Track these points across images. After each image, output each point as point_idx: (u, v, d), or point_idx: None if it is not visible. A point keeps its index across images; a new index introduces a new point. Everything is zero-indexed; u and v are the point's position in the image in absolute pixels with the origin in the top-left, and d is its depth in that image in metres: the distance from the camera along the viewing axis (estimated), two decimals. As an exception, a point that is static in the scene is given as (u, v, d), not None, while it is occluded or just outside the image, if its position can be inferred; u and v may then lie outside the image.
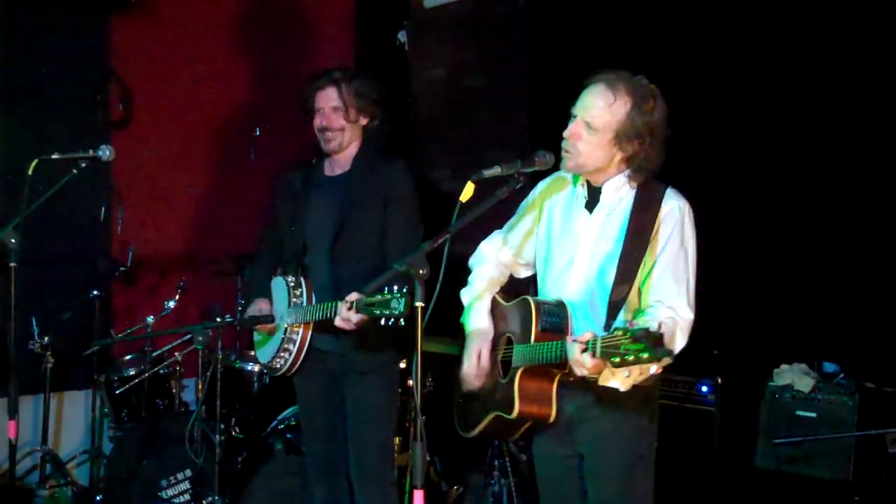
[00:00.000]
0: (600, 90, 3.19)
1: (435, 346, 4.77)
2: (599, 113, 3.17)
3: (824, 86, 4.54)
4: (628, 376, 2.92)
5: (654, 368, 2.86)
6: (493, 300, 3.57)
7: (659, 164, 3.24)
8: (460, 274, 3.60)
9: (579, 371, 2.93)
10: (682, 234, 3.18)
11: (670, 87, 3.35)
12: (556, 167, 3.35)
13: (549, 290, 3.38)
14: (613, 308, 3.11)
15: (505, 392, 3.29)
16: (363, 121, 4.24)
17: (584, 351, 2.84)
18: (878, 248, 4.41)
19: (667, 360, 2.75)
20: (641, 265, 3.13)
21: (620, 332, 2.70)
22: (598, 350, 2.79)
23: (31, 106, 5.54)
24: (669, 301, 3.10)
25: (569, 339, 3.00)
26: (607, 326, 3.07)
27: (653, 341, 2.62)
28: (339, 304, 3.80)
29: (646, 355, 2.63)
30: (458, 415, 3.69)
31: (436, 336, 4.49)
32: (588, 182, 3.34)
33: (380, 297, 3.31)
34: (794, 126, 4.63)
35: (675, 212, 3.19)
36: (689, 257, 3.18)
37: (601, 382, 3.04)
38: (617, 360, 2.70)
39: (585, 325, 3.20)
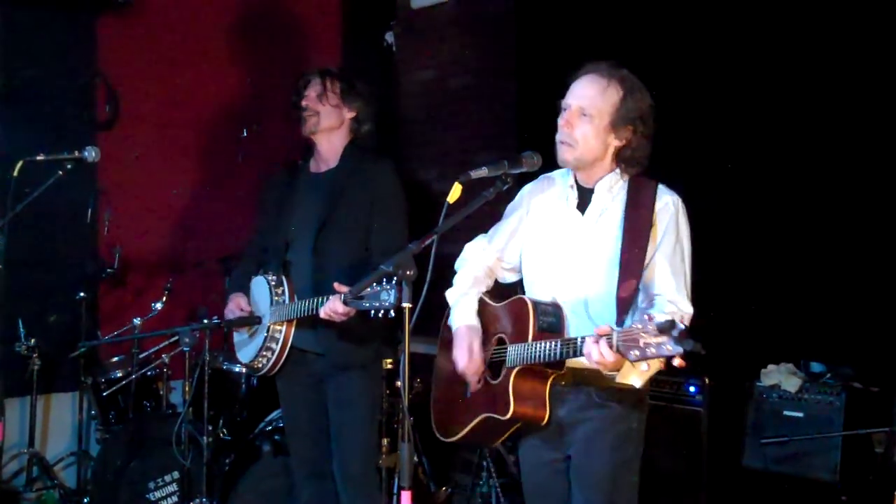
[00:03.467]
0: (592, 78, 3.23)
1: (422, 347, 4.76)
2: (594, 99, 3.20)
3: (811, 84, 4.54)
4: (647, 370, 2.91)
5: (676, 361, 2.75)
6: (481, 300, 3.54)
7: (648, 157, 3.27)
8: (448, 275, 3.60)
9: (596, 366, 2.91)
10: (677, 228, 3.21)
11: (660, 84, 3.36)
12: (543, 168, 3.35)
13: (541, 293, 3.37)
14: (623, 304, 3.10)
15: (497, 393, 3.27)
16: (347, 113, 4.28)
17: (607, 345, 2.82)
18: (866, 249, 4.42)
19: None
20: (645, 260, 3.14)
21: (640, 326, 2.69)
22: (616, 343, 2.78)
23: (16, 106, 5.51)
24: (670, 295, 3.13)
25: (585, 338, 2.94)
26: (619, 322, 3.05)
27: (678, 334, 2.61)
28: (326, 298, 3.83)
29: (669, 347, 2.62)
30: (437, 420, 3.66)
31: (424, 336, 4.48)
32: (577, 183, 3.35)
33: (369, 289, 3.30)
34: (780, 128, 4.64)
35: (669, 206, 3.22)
36: (684, 251, 3.22)
37: (620, 379, 3.05)
38: (636, 353, 2.70)
39: (583, 326, 3.20)
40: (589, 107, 3.20)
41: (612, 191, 3.29)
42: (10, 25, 5.53)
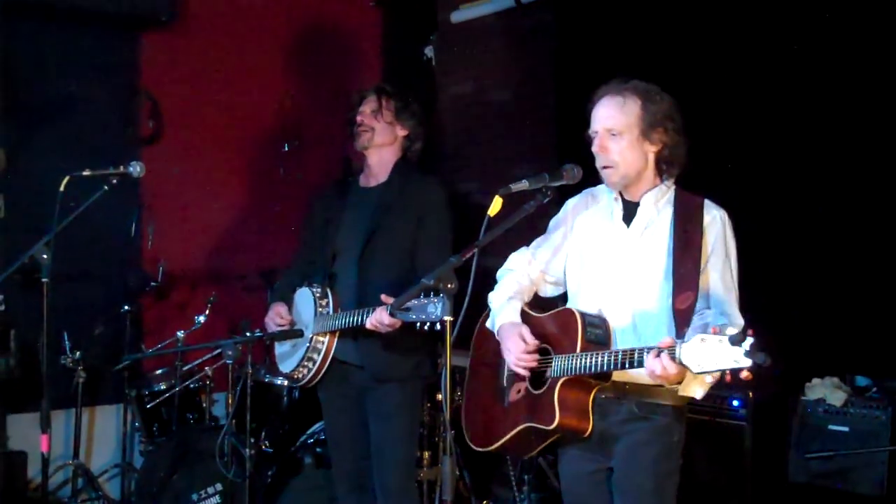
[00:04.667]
0: (608, 99, 3.28)
1: (463, 360, 4.76)
2: (616, 118, 3.23)
3: (865, 99, 4.49)
4: (711, 380, 2.88)
5: (744, 373, 2.74)
6: (524, 312, 3.53)
7: (686, 153, 3.29)
8: (488, 288, 3.59)
9: (658, 380, 2.92)
10: (724, 242, 3.22)
11: (698, 95, 3.35)
12: (583, 181, 3.35)
13: (585, 303, 3.36)
14: (682, 315, 3.08)
15: (540, 403, 3.26)
16: (400, 131, 4.33)
17: (669, 358, 2.82)
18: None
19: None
20: (700, 273, 3.13)
21: (705, 337, 2.70)
22: (681, 357, 2.78)
23: (62, 123, 5.58)
24: (722, 308, 3.12)
25: (649, 353, 2.92)
26: (679, 335, 3.00)
27: (751, 347, 2.60)
28: (371, 309, 3.85)
29: (739, 359, 2.62)
30: (470, 428, 3.65)
31: (465, 350, 4.49)
32: (622, 196, 3.35)
33: (416, 301, 3.31)
34: (826, 138, 4.60)
35: (717, 221, 3.23)
36: (733, 266, 3.23)
37: (682, 392, 3.06)
38: (702, 365, 2.69)
39: (628, 339, 3.21)
40: (615, 126, 3.23)
41: (657, 204, 3.29)
42: (54, 43, 5.61)
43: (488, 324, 3.59)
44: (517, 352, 3.34)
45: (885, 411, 4.23)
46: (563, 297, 3.57)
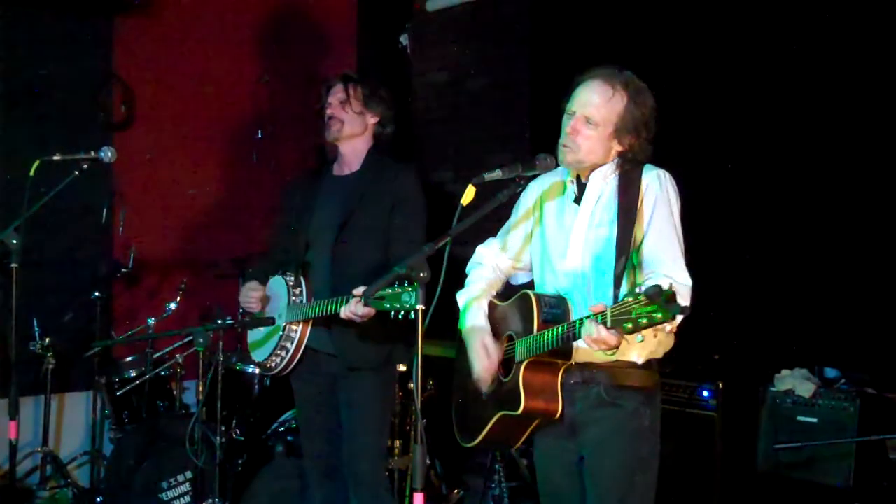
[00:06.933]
0: (598, 85, 3.24)
1: (435, 349, 4.76)
2: (599, 107, 3.21)
3: (830, 88, 4.52)
4: (642, 341, 2.88)
5: (668, 328, 2.81)
6: (490, 303, 3.55)
7: (649, 157, 3.28)
8: (461, 277, 3.60)
9: (596, 347, 2.90)
10: (667, 200, 3.21)
11: (673, 86, 3.35)
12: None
13: (545, 285, 3.38)
14: (618, 280, 3.10)
15: (509, 389, 3.27)
16: (370, 119, 4.29)
17: (599, 322, 2.81)
18: (880, 253, 4.40)
19: (678, 318, 2.70)
20: (633, 234, 3.14)
21: (631, 299, 2.69)
22: (609, 320, 2.77)
23: (32, 107, 5.54)
24: (665, 269, 3.10)
25: (583, 320, 2.93)
26: (614, 298, 3.03)
27: (665, 299, 2.60)
28: (345, 298, 3.83)
29: (659, 315, 2.61)
30: (458, 425, 3.67)
31: (436, 339, 4.49)
32: (578, 177, 3.36)
33: (390, 290, 3.30)
34: (795, 129, 4.63)
35: (654, 180, 3.22)
36: (676, 222, 3.22)
37: (619, 357, 3.07)
38: (629, 325, 2.69)
39: (585, 313, 3.21)
40: (594, 115, 3.22)
41: (606, 180, 3.30)
42: (26, 27, 5.55)
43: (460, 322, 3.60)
44: (480, 368, 3.38)
45: (854, 403, 4.28)
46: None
